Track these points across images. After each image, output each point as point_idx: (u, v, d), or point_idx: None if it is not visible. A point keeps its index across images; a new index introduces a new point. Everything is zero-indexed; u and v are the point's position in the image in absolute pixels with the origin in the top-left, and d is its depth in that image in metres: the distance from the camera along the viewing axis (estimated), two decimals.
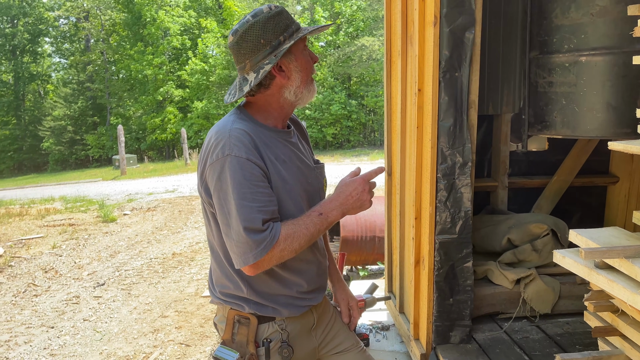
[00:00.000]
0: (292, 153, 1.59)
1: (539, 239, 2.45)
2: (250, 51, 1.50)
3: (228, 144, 1.43)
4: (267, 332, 1.58)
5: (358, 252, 4.37)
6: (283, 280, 1.57)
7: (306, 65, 1.55)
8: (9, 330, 4.81)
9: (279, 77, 1.52)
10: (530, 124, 2.34)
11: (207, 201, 1.50)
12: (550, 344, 2.24)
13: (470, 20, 2.01)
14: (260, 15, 1.49)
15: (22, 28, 34.05)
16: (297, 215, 1.52)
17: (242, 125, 1.49)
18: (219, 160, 1.42)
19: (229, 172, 1.41)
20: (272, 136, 1.55)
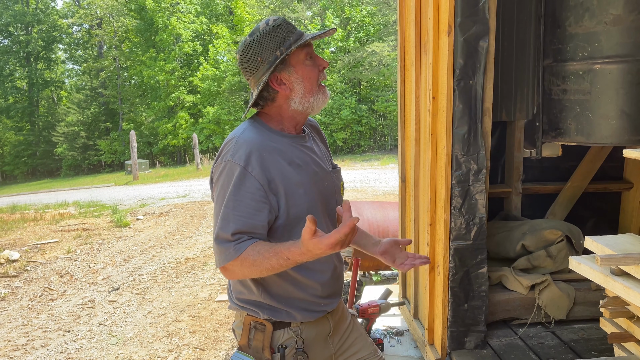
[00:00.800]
0: (308, 157, 1.62)
1: (553, 245, 2.46)
2: (251, 69, 1.57)
3: (232, 150, 1.50)
4: (282, 338, 1.59)
5: (371, 258, 4.38)
6: (296, 282, 1.58)
7: (309, 75, 1.57)
8: (25, 334, 4.89)
9: (281, 90, 1.56)
10: (544, 131, 2.36)
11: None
12: (566, 350, 2.25)
13: (484, 29, 2.03)
14: (257, 33, 1.54)
15: (36, 35, 34.55)
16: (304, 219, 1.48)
17: (251, 134, 1.54)
18: (221, 164, 1.51)
19: (224, 177, 1.48)
20: (286, 142, 1.59)
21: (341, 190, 1.77)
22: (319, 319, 1.65)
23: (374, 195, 10.70)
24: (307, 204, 1.56)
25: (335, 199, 1.71)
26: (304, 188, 1.56)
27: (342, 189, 1.78)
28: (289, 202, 1.52)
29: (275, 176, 1.51)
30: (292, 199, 1.53)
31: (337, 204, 1.71)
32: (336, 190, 1.73)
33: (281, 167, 1.53)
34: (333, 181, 1.71)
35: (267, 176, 1.49)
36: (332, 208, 1.70)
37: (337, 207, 1.64)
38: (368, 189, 11.70)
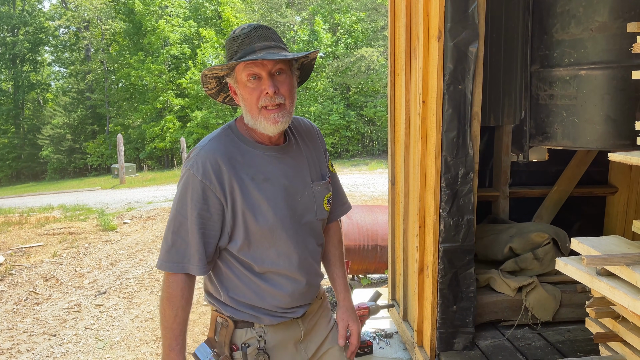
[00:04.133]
0: (279, 170, 1.56)
1: (540, 247, 2.50)
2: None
3: (193, 160, 1.50)
4: (244, 337, 1.59)
5: (360, 261, 4.41)
6: (260, 291, 1.57)
7: (247, 96, 1.49)
8: (11, 338, 4.82)
9: (236, 100, 1.57)
10: (531, 135, 2.40)
11: None
12: (552, 351, 2.28)
13: (474, 35, 2.07)
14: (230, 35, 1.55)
15: (22, 37, 34.19)
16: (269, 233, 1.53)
17: (217, 144, 1.52)
18: (183, 170, 1.53)
19: (181, 184, 1.50)
20: (256, 154, 1.54)
21: (325, 205, 1.69)
22: (286, 323, 1.63)
23: (363, 200, 10.73)
24: (271, 220, 1.52)
25: (315, 212, 1.65)
26: (269, 203, 1.52)
27: (325, 203, 1.69)
28: (246, 219, 1.50)
29: (234, 190, 1.49)
30: (251, 214, 1.50)
31: (318, 217, 1.66)
32: (317, 204, 1.65)
33: (240, 182, 1.49)
34: (313, 193, 1.64)
35: (222, 189, 1.48)
36: (312, 221, 1.64)
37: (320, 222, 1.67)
38: (356, 194, 11.73)
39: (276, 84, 1.47)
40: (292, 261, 1.59)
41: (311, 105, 25.71)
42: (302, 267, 1.61)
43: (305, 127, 1.74)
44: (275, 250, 1.57)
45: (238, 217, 1.50)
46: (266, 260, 1.56)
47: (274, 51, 1.46)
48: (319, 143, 1.75)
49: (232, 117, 28.23)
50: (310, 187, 1.64)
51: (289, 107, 1.52)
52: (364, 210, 4.66)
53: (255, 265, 1.55)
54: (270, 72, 1.46)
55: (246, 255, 1.54)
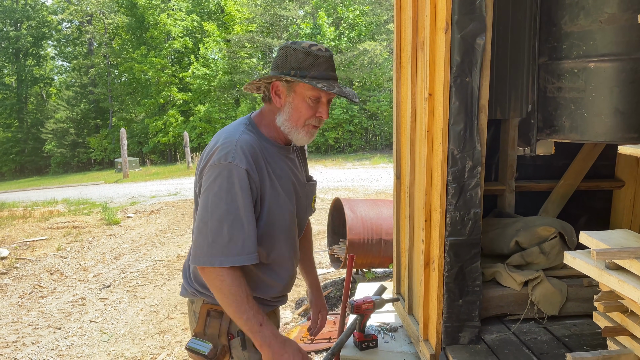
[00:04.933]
0: (289, 169, 1.72)
1: (546, 241, 2.48)
2: (274, 64, 1.68)
3: (232, 152, 1.54)
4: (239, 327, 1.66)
5: (364, 255, 4.41)
6: (260, 282, 1.69)
7: (301, 109, 1.63)
8: (16, 331, 4.85)
9: (274, 99, 1.66)
10: (539, 128, 2.38)
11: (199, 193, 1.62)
12: (559, 345, 2.27)
13: (481, 27, 2.05)
14: (298, 45, 1.63)
15: (25, 31, 34.22)
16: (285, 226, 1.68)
17: (249, 137, 1.61)
18: (220, 164, 1.53)
19: (225, 178, 1.52)
20: (274, 151, 1.68)
21: (313, 204, 1.89)
22: (270, 312, 1.80)
23: (366, 194, 10.72)
24: (282, 213, 1.67)
25: (305, 212, 1.84)
26: (282, 198, 1.66)
27: (313, 201, 1.89)
28: (270, 211, 1.62)
29: (264, 182, 1.61)
30: (271, 206, 1.63)
31: (308, 215, 1.87)
32: (309, 202, 1.85)
33: (269, 175, 1.62)
34: (307, 194, 1.83)
35: (259, 182, 1.59)
36: (303, 218, 1.84)
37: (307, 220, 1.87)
38: (360, 188, 11.72)
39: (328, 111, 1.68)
40: (292, 252, 1.76)
41: None
42: (296, 258, 1.81)
43: None
44: (285, 241, 1.70)
45: (265, 207, 1.61)
46: (275, 249, 1.67)
47: (339, 84, 1.67)
48: (305, 151, 1.95)
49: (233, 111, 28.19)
50: (305, 187, 1.82)
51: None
52: (368, 204, 4.65)
53: (266, 255, 1.65)
54: (329, 100, 1.67)
55: (262, 244, 1.62)
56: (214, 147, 1.59)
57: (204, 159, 1.60)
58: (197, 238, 1.55)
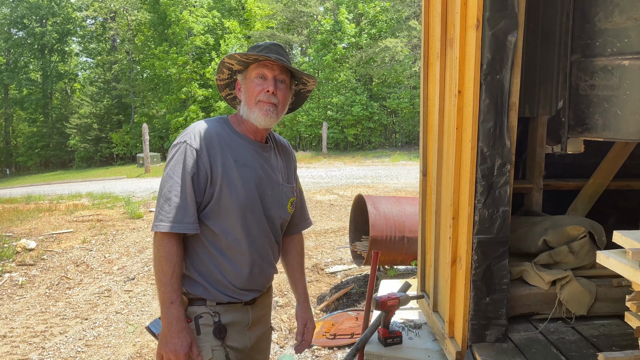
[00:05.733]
0: (258, 162, 1.83)
1: (575, 240, 2.46)
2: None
3: (188, 135, 1.75)
4: (198, 312, 1.77)
5: (387, 252, 4.41)
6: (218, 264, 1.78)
7: (251, 89, 1.80)
8: (44, 321, 4.97)
9: (236, 92, 1.88)
10: (570, 126, 2.36)
11: None
12: (587, 345, 2.25)
13: (513, 24, 2.04)
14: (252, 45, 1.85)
15: (50, 28, 34.81)
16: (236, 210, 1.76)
17: (211, 125, 1.80)
18: (176, 145, 1.74)
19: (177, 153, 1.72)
20: (240, 142, 1.81)
21: (289, 207, 1.95)
22: (237, 306, 1.83)
23: (385, 192, 10.70)
24: (242, 199, 1.76)
25: (279, 210, 1.91)
26: (243, 185, 1.76)
27: (289, 205, 1.95)
28: (222, 191, 1.73)
29: (216, 164, 1.73)
30: (226, 189, 1.74)
31: (281, 215, 1.92)
32: (282, 202, 1.92)
33: (225, 158, 1.75)
34: (280, 192, 1.91)
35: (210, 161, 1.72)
36: (275, 216, 1.90)
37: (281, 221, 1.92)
38: (379, 185, 11.70)
39: (276, 87, 1.78)
40: (253, 243, 1.82)
41: (334, 97, 25.65)
42: (260, 253, 1.85)
43: (283, 143, 2.04)
44: (241, 227, 1.78)
45: (216, 188, 1.73)
46: (231, 233, 1.77)
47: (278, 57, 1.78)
48: (291, 161, 2.06)
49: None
50: (279, 186, 1.90)
51: (280, 111, 1.82)
52: (391, 201, 4.65)
53: (222, 237, 1.76)
54: (275, 77, 1.79)
55: (215, 225, 1.75)
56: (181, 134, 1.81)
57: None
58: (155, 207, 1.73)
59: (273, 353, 3.89)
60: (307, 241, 7.14)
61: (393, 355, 2.70)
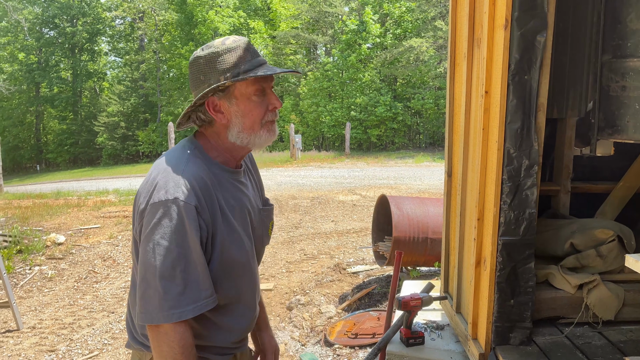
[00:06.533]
0: (242, 196, 1.50)
1: (604, 244, 2.42)
2: (193, 84, 1.43)
3: (178, 187, 1.30)
4: None
5: (410, 253, 4.40)
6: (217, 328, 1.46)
7: (251, 112, 1.41)
8: (72, 313, 5.10)
9: (217, 118, 1.41)
10: (599, 128, 2.32)
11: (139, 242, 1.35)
12: (614, 350, 2.22)
13: (543, 24, 2.01)
14: (209, 49, 1.39)
15: (80, 27, 35.63)
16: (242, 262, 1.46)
17: (196, 166, 1.38)
18: (164, 202, 1.28)
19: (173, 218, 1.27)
20: (225, 178, 1.45)
21: (269, 230, 1.67)
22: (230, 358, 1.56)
23: (408, 193, 10.64)
24: (239, 250, 1.45)
25: (262, 241, 1.62)
26: (237, 233, 1.44)
27: (270, 228, 1.67)
28: (222, 247, 1.39)
29: (216, 217, 1.38)
30: (224, 244, 1.40)
31: (265, 243, 1.65)
32: (264, 232, 1.63)
33: (221, 208, 1.39)
34: (262, 221, 1.61)
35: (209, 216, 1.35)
36: (260, 250, 1.63)
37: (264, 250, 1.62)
38: (402, 186, 11.64)
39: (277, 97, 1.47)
40: (254, 290, 1.55)
41: (357, 97, 25.62)
42: (257, 296, 1.60)
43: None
44: (244, 279, 1.50)
45: (216, 247, 1.38)
46: (232, 288, 1.46)
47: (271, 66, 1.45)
48: (256, 167, 1.72)
49: None
50: (260, 213, 1.60)
51: None
52: (415, 202, 4.63)
53: (222, 298, 1.42)
54: (271, 87, 1.46)
55: (217, 287, 1.39)
56: (154, 181, 1.33)
57: (144, 196, 1.33)
58: (145, 291, 1.28)
59: (295, 351, 3.92)
60: (329, 241, 7.16)
61: (415, 355, 2.70)
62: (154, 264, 1.26)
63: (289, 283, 5.56)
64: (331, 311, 4.59)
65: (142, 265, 1.28)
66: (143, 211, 1.30)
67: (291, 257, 6.51)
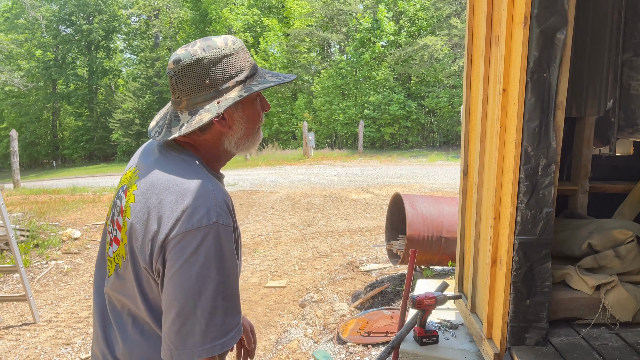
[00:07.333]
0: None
1: (622, 245, 2.39)
2: (191, 89, 1.27)
3: (214, 209, 1.18)
4: None
5: (423, 252, 4.38)
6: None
7: (254, 117, 1.34)
8: (87, 307, 5.16)
9: (218, 125, 1.28)
10: (620, 127, 2.29)
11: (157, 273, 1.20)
12: (631, 352, 2.19)
13: (563, 21, 1.99)
14: (213, 50, 1.26)
15: (97, 25, 36.01)
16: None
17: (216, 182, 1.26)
18: (203, 228, 1.15)
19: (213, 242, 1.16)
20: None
21: None
22: None
23: (422, 192, 10.60)
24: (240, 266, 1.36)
25: None
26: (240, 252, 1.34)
27: None
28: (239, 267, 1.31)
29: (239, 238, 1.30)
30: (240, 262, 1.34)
31: None
32: None
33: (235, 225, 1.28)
34: None
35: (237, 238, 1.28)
36: None
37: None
38: (416, 185, 11.60)
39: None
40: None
41: (371, 95, 25.55)
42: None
43: None
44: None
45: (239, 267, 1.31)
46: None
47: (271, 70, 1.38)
48: None
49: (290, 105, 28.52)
50: None
51: None
52: (429, 200, 4.61)
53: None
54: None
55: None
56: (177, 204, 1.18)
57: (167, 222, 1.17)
58: (182, 327, 1.15)
59: (307, 348, 3.93)
60: (342, 239, 7.16)
61: (429, 354, 2.69)
62: (194, 297, 1.14)
63: (302, 280, 5.57)
64: (344, 309, 4.59)
65: (178, 300, 1.14)
66: (168, 241, 1.16)
67: (304, 255, 6.52)
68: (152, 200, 1.20)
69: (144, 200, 1.22)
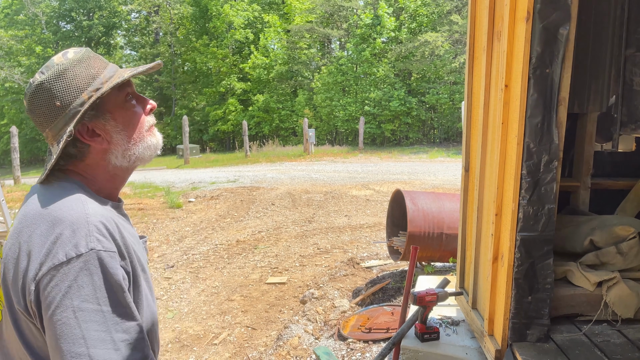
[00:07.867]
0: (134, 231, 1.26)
1: (624, 241, 2.38)
2: (46, 118, 1.13)
3: (88, 235, 1.03)
4: None
5: (424, 248, 4.37)
6: None
7: (132, 120, 1.20)
8: None
9: (94, 143, 1.16)
10: (622, 123, 2.28)
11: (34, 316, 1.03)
12: (633, 348, 2.18)
13: (566, 16, 1.98)
14: (52, 69, 1.12)
15: (97, 21, 35.89)
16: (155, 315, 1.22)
17: (94, 204, 1.11)
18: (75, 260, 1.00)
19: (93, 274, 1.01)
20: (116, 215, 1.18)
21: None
22: None
23: (422, 188, 10.59)
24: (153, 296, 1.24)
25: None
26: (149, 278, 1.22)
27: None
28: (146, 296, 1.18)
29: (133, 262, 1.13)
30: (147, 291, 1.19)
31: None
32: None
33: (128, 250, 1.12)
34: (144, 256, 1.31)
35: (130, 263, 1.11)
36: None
37: None
38: (416, 182, 11.59)
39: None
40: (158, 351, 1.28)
41: (371, 91, 25.50)
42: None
43: None
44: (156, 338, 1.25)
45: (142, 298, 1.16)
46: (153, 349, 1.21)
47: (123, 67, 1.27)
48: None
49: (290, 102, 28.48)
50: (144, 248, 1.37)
51: None
52: (430, 197, 4.60)
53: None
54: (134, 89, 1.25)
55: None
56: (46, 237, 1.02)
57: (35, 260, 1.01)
58: None
59: (308, 344, 3.93)
60: (343, 235, 7.16)
61: (430, 351, 2.69)
62: (80, 334, 0.97)
63: (303, 277, 5.57)
64: (345, 305, 4.59)
65: (60, 341, 0.97)
66: (40, 278, 0.99)
67: (304, 251, 6.52)
68: (23, 234, 1.06)
69: (15, 235, 1.07)
